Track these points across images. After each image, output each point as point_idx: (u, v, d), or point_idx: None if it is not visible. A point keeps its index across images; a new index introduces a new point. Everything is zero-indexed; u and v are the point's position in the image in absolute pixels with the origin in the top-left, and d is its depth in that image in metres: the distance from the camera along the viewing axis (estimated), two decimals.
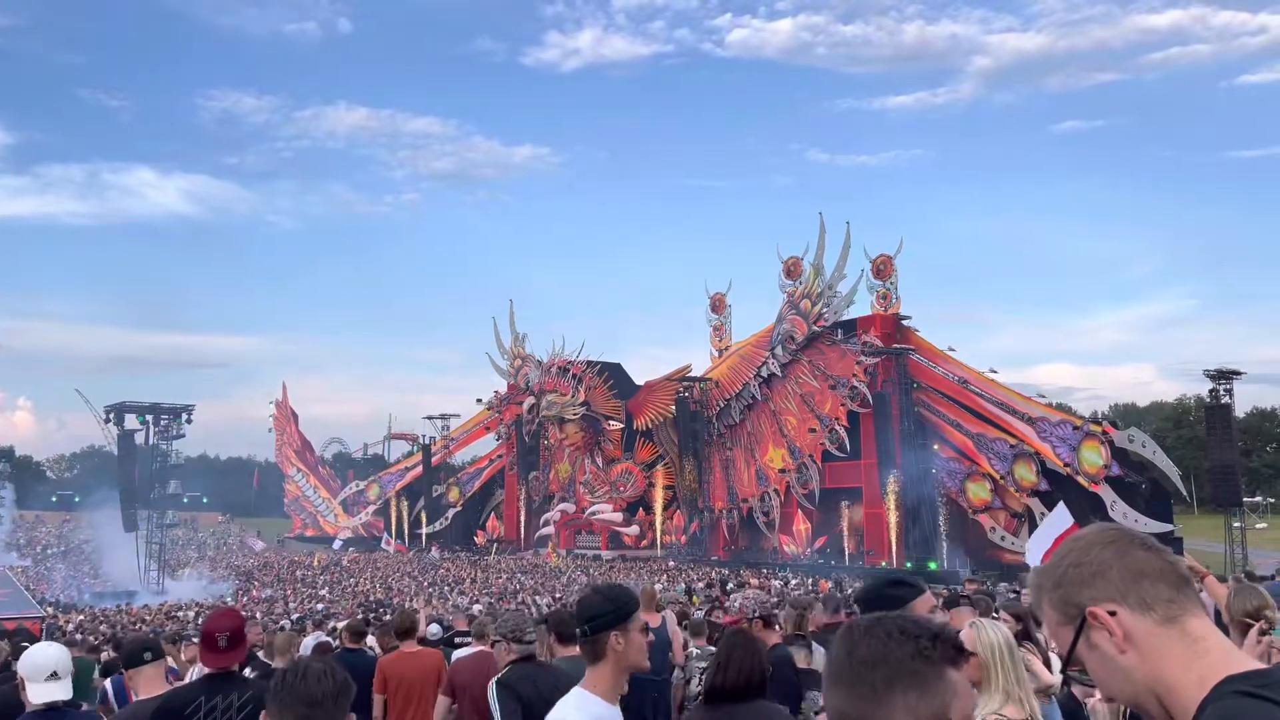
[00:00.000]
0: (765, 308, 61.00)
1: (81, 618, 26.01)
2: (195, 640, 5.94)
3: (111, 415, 46.47)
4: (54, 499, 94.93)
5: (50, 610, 29.07)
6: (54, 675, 3.64)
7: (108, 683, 6.81)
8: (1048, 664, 6.37)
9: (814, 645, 6.30)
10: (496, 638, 6.65)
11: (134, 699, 6.32)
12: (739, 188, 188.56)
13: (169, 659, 5.86)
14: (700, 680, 6.03)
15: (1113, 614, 1.33)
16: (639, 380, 60.99)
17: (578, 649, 5.89)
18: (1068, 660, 1.41)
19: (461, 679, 5.44)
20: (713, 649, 6.03)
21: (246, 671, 5.03)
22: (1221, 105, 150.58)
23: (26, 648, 7.96)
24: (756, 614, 5.55)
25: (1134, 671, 1.33)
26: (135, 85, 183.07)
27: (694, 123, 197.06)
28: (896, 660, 1.30)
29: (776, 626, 5.65)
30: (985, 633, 3.85)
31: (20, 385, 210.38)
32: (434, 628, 9.89)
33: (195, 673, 7.83)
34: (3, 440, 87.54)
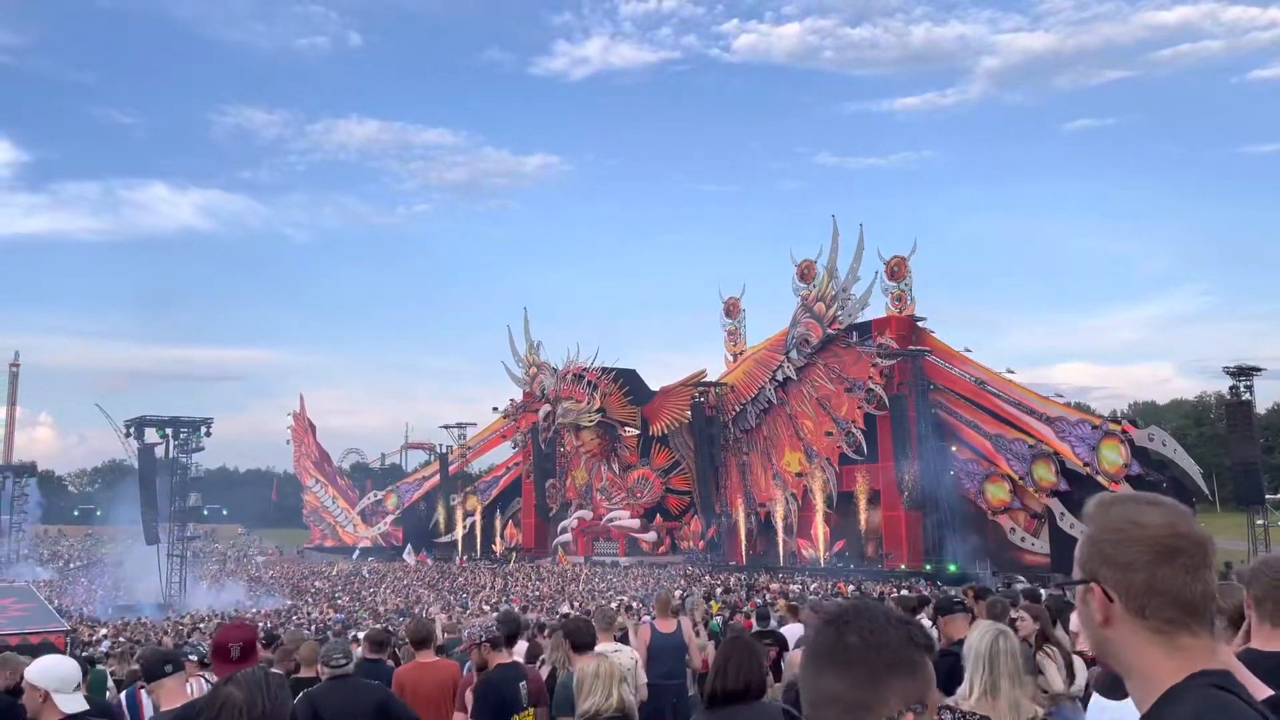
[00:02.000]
0: (779, 311, 60.88)
1: (105, 630, 26.17)
2: (192, 657, 6.02)
3: (132, 429, 46.86)
4: (76, 513, 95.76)
5: (73, 623, 29.28)
6: (78, 687, 3.69)
7: (122, 695, 6.85)
8: (1070, 667, 6.32)
9: None
10: (314, 660, 6.83)
11: (145, 712, 6.37)
12: (749, 192, 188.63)
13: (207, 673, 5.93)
14: None
15: (1110, 600, 1.37)
16: (654, 386, 60.97)
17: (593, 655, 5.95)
18: (1068, 582, 1.47)
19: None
20: None
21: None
22: (1233, 101, 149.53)
23: None
24: (484, 638, 5.63)
25: (1107, 643, 1.40)
26: (148, 102, 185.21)
27: (703, 128, 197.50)
28: (895, 645, 1.34)
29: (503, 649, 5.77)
30: (971, 635, 4.00)
31: (42, 401, 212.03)
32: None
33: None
34: (26, 455, 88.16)
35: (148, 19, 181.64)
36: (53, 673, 3.70)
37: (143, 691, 6.69)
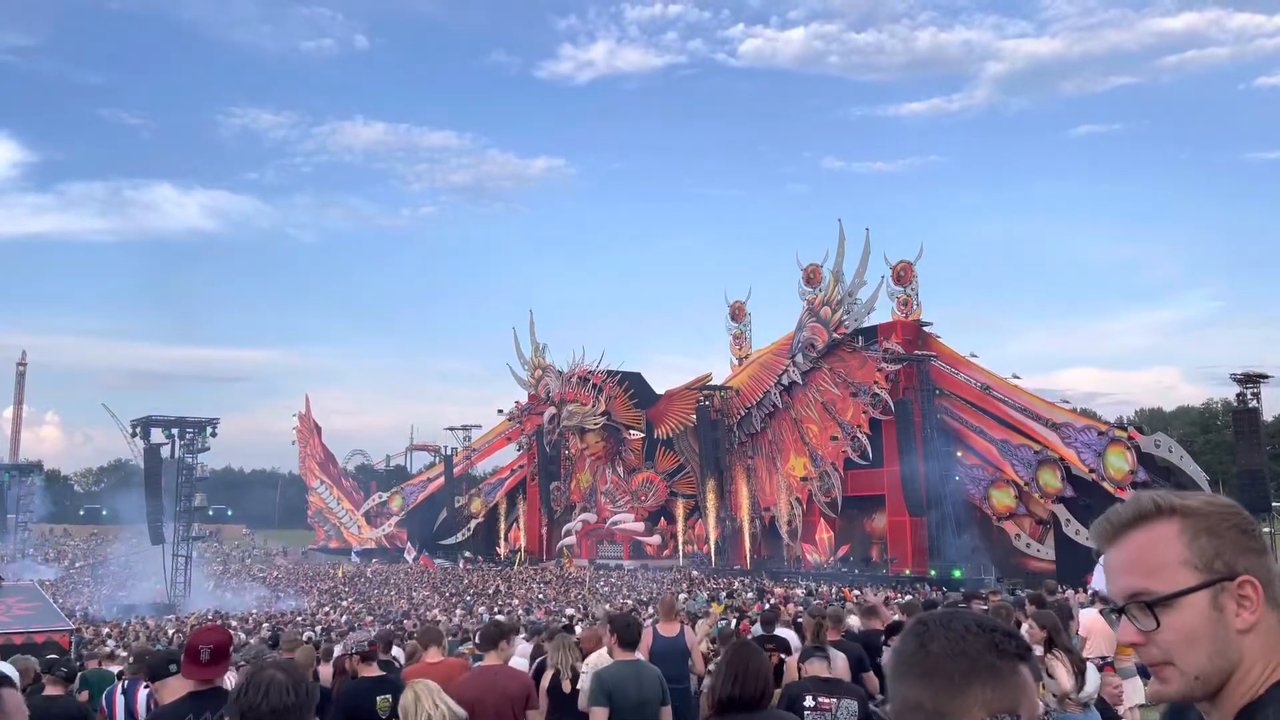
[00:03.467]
0: (785, 315, 60.97)
1: (107, 630, 26.22)
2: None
3: (138, 429, 46.99)
4: (81, 512, 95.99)
5: (77, 623, 29.32)
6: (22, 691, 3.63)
7: (119, 692, 6.88)
8: (1082, 673, 6.31)
9: (832, 653, 6.28)
10: (310, 664, 6.83)
11: (139, 708, 6.37)
12: (755, 196, 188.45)
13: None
14: None
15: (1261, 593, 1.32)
16: (659, 389, 60.96)
17: (635, 653, 6.01)
18: (1170, 597, 1.31)
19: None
20: None
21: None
22: (1240, 107, 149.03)
23: (55, 660, 8.05)
24: (355, 651, 5.65)
25: (1237, 649, 1.29)
26: (155, 103, 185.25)
27: (708, 132, 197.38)
28: (975, 653, 1.30)
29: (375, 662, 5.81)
30: None
31: (48, 400, 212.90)
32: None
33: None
34: (32, 454, 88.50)
35: (156, 20, 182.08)
36: None
37: (142, 687, 6.72)
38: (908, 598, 18.75)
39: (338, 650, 5.80)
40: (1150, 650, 1.32)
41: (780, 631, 9.02)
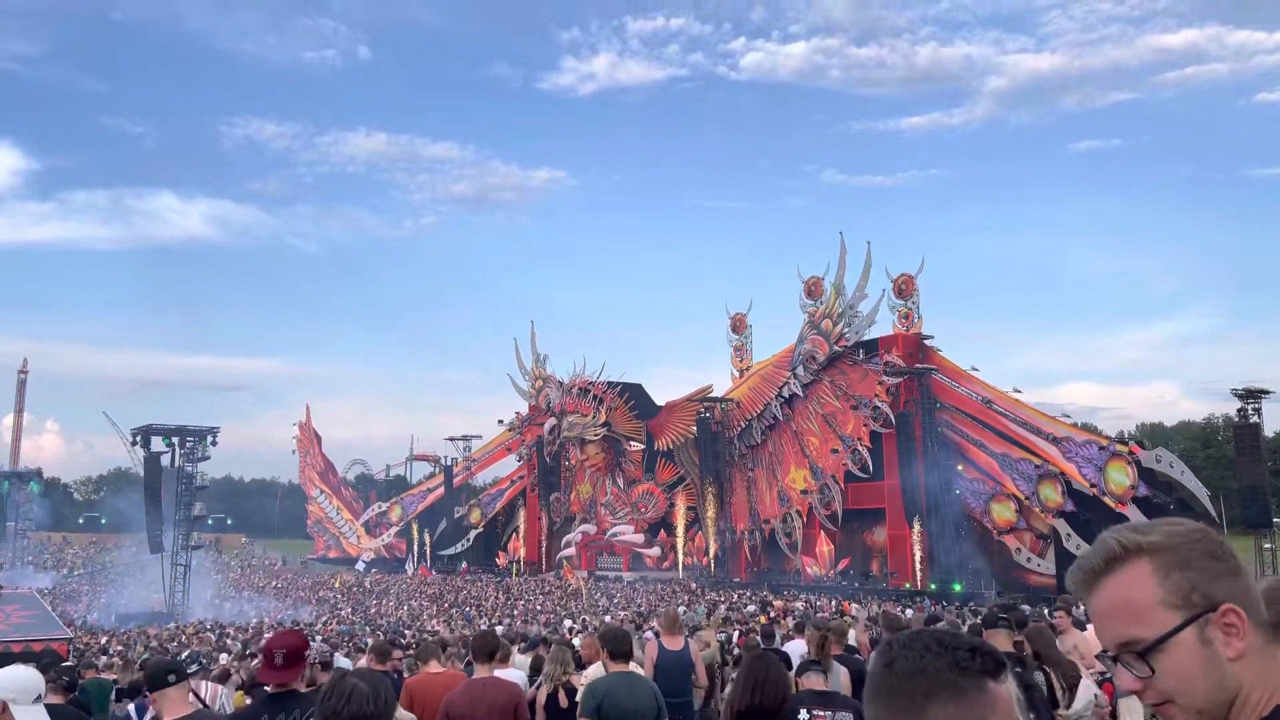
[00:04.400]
0: (786, 328, 60.83)
1: (105, 639, 26.15)
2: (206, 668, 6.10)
3: (138, 437, 46.92)
4: (81, 520, 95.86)
5: (76, 632, 29.24)
6: (39, 698, 3.62)
7: (131, 707, 6.85)
8: (1073, 688, 6.29)
9: (836, 667, 6.26)
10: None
11: None
12: (756, 209, 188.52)
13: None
14: None
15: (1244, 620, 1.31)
16: (660, 401, 60.93)
17: (629, 665, 6.00)
18: (1157, 642, 1.30)
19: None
20: None
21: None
22: (1239, 124, 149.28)
23: (56, 667, 8.01)
24: (317, 660, 5.68)
25: (1234, 678, 1.28)
26: (158, 112, 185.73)
27: (710, 145, 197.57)
28: (934, 671, 1.29)
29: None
30: None
31: (48, 407, 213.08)
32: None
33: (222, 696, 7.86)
34: (31, 462, 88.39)
35: (159, 30, 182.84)
36: (12, 683, 3.64)
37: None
38: (907, 611, 18.67)
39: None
40: (1150, 694, 1.32)
41: (794, 645, 9.00)
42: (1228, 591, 1.30)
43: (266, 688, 4.10)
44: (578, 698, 6.18)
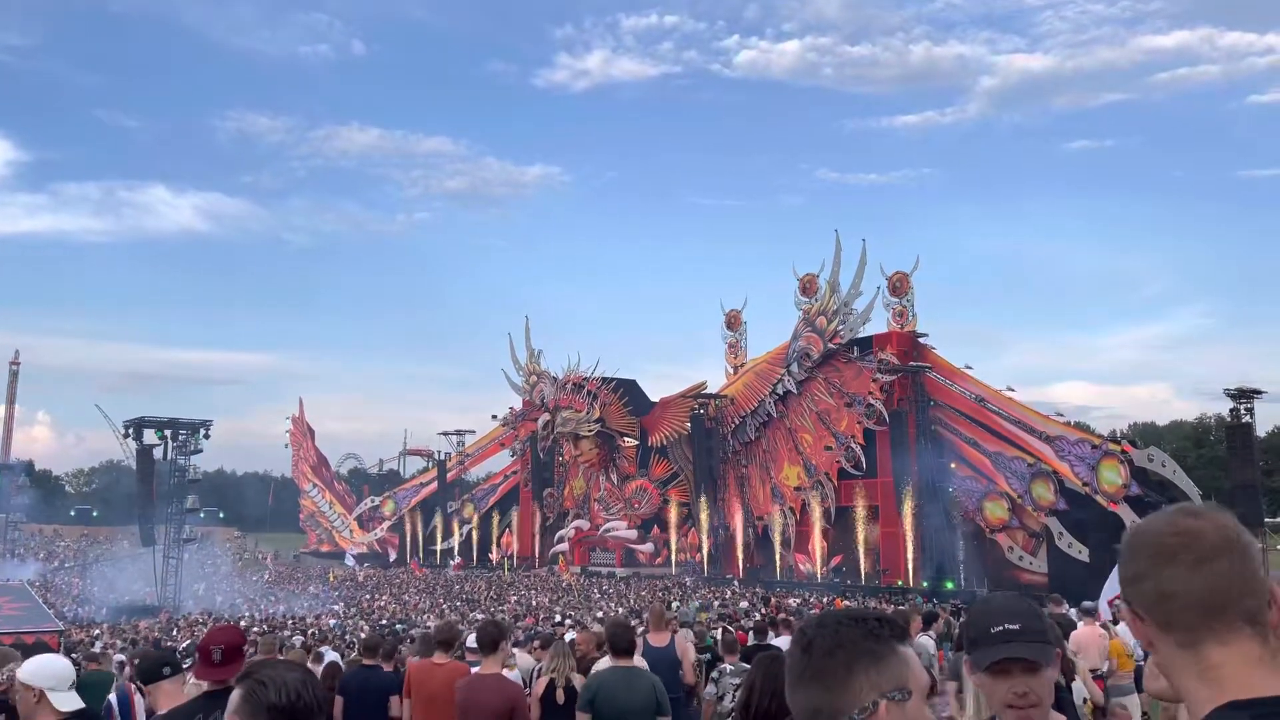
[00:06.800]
0: (781, 325, 61.00)
1: (98, 632, 26.11)
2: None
3: (130, 430, 46.69)
4: (72, 513, 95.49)
5: (67, 624, 29.19)
6: (73, 685, 3.65)
7: (112, 697, 6.84)
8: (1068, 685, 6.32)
9: None
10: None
11: (138, 713, 6.36)
12: (750, 206, 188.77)
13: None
14: (734, 697, 6.06)
15: (1140, 619, 1.32)
16: (654, 397, 60.95)
17: (632, 659, 6.02)
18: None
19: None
20: (746, 666, 6.09)
21: None
22: (1231, 125, 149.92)
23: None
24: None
25: (1164, 672, 1.34)
26: (151, 105, 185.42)
27: (704, 142, 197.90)
28: (851, 643, 1.39)
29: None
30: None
31: (40, 400, 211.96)
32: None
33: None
34: (22, 454, 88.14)
35: (154, 23, 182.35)
36: (47, 671, 3.65)
37: (135, 691, 6.69)
38: (926, 608, 18.67)
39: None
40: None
41: (782, 641, 9.01)
42: (1129, 594, 1.35)
43: (202, 685, 3.93)
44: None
